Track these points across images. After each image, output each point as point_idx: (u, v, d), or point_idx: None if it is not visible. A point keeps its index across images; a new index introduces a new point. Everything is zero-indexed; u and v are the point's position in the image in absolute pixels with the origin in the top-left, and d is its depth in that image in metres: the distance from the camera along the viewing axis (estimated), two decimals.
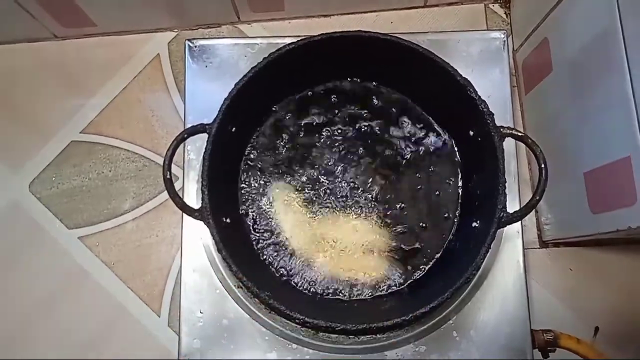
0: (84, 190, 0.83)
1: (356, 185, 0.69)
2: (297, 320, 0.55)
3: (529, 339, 0.66)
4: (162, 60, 0.87)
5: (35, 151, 0.84)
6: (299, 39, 0.62)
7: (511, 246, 0.68)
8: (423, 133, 0.70)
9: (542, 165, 0.56)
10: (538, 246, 0.81)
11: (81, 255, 0.81)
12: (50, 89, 0.86)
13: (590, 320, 0.77)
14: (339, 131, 0.70)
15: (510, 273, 0.68)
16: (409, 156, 0.69)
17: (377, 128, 0.70)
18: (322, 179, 0.69)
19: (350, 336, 0.64)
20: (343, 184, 0.69)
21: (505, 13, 0.89)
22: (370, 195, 0.68)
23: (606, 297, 0.79)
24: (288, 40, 0.63)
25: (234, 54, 0.74)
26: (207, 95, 0.72)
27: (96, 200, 0.83)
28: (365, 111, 0.70)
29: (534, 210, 0.75)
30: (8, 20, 0.81)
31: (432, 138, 0.70)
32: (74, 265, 0.81)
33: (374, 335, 0.65)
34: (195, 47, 0.74)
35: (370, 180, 0.69)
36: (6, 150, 0.84)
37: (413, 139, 0.70)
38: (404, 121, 0.70)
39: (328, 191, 0.69)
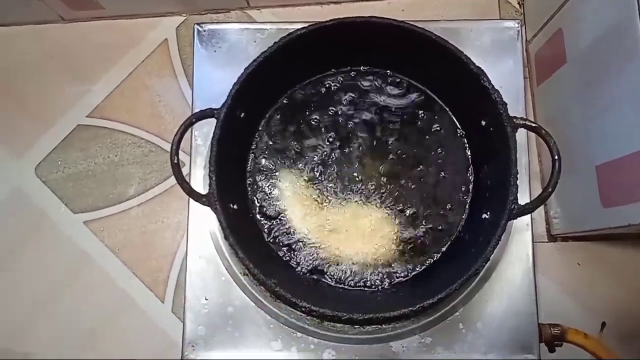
0: (90, 175, 0.82)
1: (365, 173, 0.68)
2: (303, 309, 0.54)
3: (536, 333, 0.65)
4: (170, 45, 0.86)
5: (41, 135, 0.83)
6: (309, 24, 0.61)
7: (520, 239, 0.68)
8: (435, 121, 0.69)
9: (556, 157, 0.55)
10: (546, 240, 0.80)
11: (86, 240, 0.81)
12: (56, 72, 0.85)
13: (597, 315, 0.77)
14: (349, 118, 0.69)
15: (519, 266, 0.67)
16: (420, 145, 0.69)
17: (388, 115, 0.69)
18: (331, 166, 0.68)
19: (356, 326, 0.64)
20: (352, 172, 0.68)
21: (518, 3, 0.87)
22: (379, 184, 0.67)
23: (614, 292, 0.78)
24: (298, 26, 0.62)
25: (243, 39, 0.73)
26: (215, 80, 0.72)
27: (102, 185, 0.82)
28: (376, 98, 0.70)
29: (542, 204, 0.75)
30: (15, 1, 0.81)
31: (443, 126, 0.69)
32: (79, 250, 0.80)
33: (379, 326, 0.64)
34: (205, 31, 0.73)
35: (380, 168, 0.68)
36: (12, 133, 0.84)
37: (425, 127, 0.69)
38: (416, 109, 0.69)
39: (337, 178, 0.68)
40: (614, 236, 0.79)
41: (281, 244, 0.65)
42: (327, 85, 0.70)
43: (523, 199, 0.67)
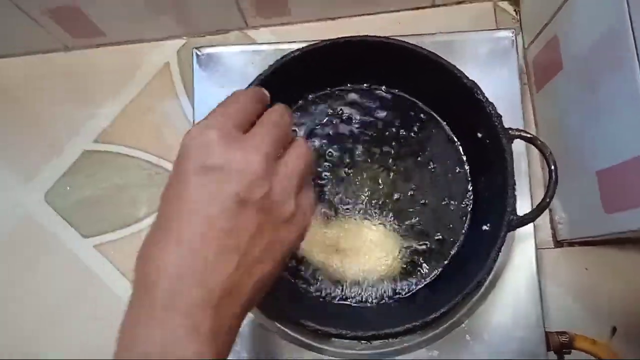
0: (99, 200, 0.84)
1: (365, 190, 0.68)
2: (308, 328, 0.55)
3: (544, 341, 0.65)
4: (171, 68, 0.88)
5: (49, 161, 0.85)
6: (303, 45, 0.62)
7: (524, 247, 0.68)
8: (433, 135, 0.69)
9: (552, 167, 0.55)
10: (552, 246, 0.80)
11: (97, 264, 0.82)
12: (61, 99, 0.87)
13: (607, 320, 0.76)
14: (347, 135, 0.70)
15: (523, 274, 0.67)
16: (418, 159, 0.69)
17: (386, 132, 0.70)
18: (330, 184, 0.69)
19: (362, 342, 0.64)
20: (352, 188, 0.68)
21: (514, 10, 0.87)
22: (379, 199, 0.68)
23: (623, 296, 0.77)
24: (295, 46, 0.63)
25: (241, 61, 0.74)
26: (216, 102, 0.72)
27: (111, 209, 0.84)
28: (374, 115, 0.70)
29: (547, 210, 0.75)
30: (19, 33, 0.83)
31: (441, 140, 0.69)
32: (90, 274, 0.82)
33: (385, 340, 0.64)
34: (203, 55, 0.74)
35: (380, 184, 0.68)
36: (20, 161, 0.86)
37: (423, 141, 0.69)
38: (413, 123, 0.70)
39: (337, 196, 0.68)
40: (621, 240, 0.78)
41: None
42: (324, 104, 0.70)
43: (525, 207, 0.67)
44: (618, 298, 0.77)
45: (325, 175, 0.69)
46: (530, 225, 0.68)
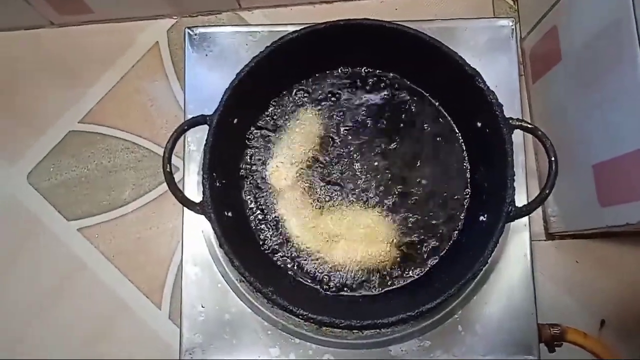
0: (83, 181, 0.82)
1: (362, 178, 0.67)
2: (301, 316, 0.54)
3: (536, 334, 0.65)
4: (161, 48, 0.86)
5: (33, 142, 0.82)
6: (302, 27, 0.60)
7: (518, 239, 0.67)
8: (432, 123, 0.68)
9: (553, 159, 0.54)
10: (544, 238, 0.80)
11: (81, 247, 0.80)
12: (47, 78, 0.84)
13: (597, 312, 0.77)
14: (344, 121, 0.68)
15: (517, 267, 0.67)
16: (417, 147, 0.67)
17: (384, 118, 0.68)
18: (327, 171, 0.67)
19: (354, 331, 0.63)
20: (349, 176, 0.67)
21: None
22: (376, 188, 0.67)
23: (613, 289, 0.78)
24: (290, 28, 0.61)
25: (235, 42, 0.72)
26: (207, 84, 0.71)
27: (95, 192, 0.82)
28: (371, 101, 0.69)
29: (540, 206, 0.74)
30: (2, 7, 0.79)
31: (440, 128, 0.68)
32: (74, 258, 0.80)
33: (378, 330, 0.64)
34: (196, 35, 0.72)
35: (377, 172, 0.67)
36: (3, 141, 0.83)
37: (422, 130, 0.68)
38: (412, 111, 0.68)
39: (333, 183, 0.67)
40: (612, 233, 0.78)
41: (278, 251, 0.65)
42: (320, 88, 0.69)
43: (520, 197, 0.67)
44: (608, 291, 0.78)
45: (322, 163, 0.67)
46: (526, 217, 0.67)
